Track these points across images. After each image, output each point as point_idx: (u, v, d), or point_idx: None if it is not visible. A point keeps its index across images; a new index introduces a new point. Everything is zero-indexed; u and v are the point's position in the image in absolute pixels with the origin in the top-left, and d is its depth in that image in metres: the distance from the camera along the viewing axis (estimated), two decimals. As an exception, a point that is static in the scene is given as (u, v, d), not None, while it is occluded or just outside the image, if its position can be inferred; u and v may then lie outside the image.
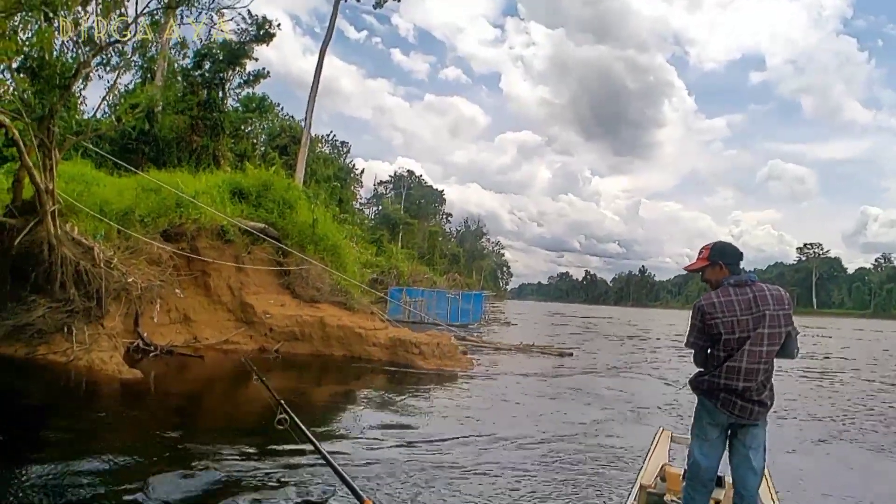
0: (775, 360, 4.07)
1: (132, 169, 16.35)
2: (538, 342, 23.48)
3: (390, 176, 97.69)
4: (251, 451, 7.31)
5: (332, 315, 16.27)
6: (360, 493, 0.96)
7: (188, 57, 25.20)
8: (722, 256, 4.21)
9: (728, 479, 4.51)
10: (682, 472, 4.95)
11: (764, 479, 4.48)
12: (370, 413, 10.25)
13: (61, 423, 7.72)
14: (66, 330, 11.01)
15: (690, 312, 4.23)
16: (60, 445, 6.87)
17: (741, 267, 4.20)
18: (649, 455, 5.85)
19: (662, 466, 5.47)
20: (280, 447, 7.20)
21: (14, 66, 10.99)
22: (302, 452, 7.10)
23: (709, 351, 4.18)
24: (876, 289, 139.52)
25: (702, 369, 4.27)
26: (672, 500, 4.83)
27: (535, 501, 6.62)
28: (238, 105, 29.31)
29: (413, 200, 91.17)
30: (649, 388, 14.97)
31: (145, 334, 13.15)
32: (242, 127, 28.27)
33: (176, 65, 25.40)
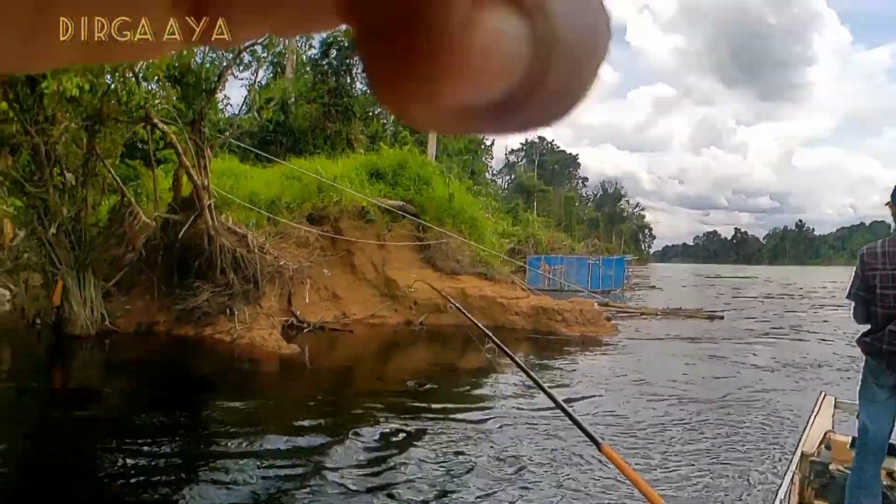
0: None
1: (274, 159, 17.31)
2: (685, 306, 22.53)
3: (521, 144, 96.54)
4: (412, 408, 7.65)
5: (473, 286, 16.43)
6: (597, 437, 0.90)
7: (314, 48, 26.12)
8: None
9: None
10: (848, 441, 4.56)
11: None
12: (520, 376, 10.31)
13: (233, 394, 8.35)
14: (228, 311, 11.92)
15: None
16: (237, 415, 7.46)
17: None
18: (811, 421, 5.41)
19: (826, 434, 5.05)
20: (444, 407, 7.48)
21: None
22: (447, 412, 7.32)
23: (870, 307, 3.80)
24: None
25: (868, 327, 3.88)
26: (838, 470, 4.44)
27: (704, 458, 6.53)
28: (366, 88, 30.06)
29: (546, 167, 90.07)
30: (809, 351, 13.95)
31: (298, 312, 13.95)
32: (372, 109, 28.99)
33: (304, 56, 26.38)
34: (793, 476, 4.33)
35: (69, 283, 11.06)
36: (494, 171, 75.17)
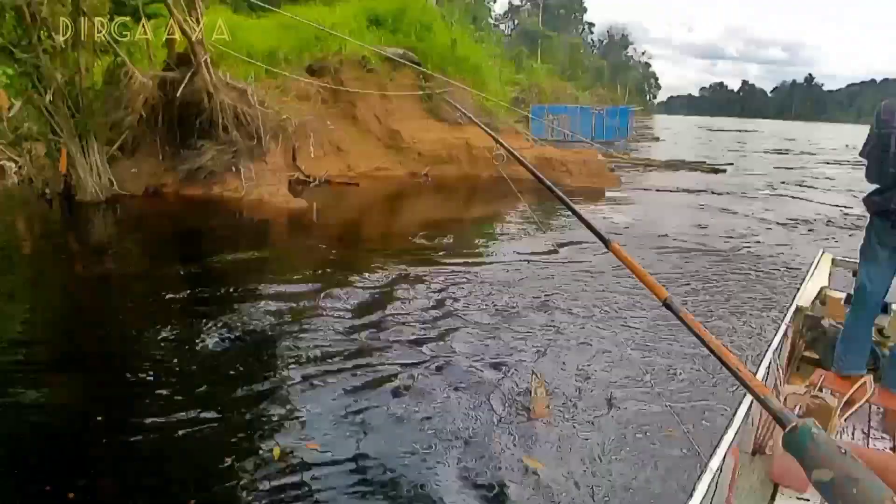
0: None
1: (269, 7, 16.55)
2: (688, 158, 22.47)
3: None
4: (417, 257, 7.90)
5: (477, 136, 16.30)
6: (605, 236, 0.94)
7: None
8: None
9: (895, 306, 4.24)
10: (843, 297, 4.71)
11: None
12: (525, 226, 10.51)
13: (242, 247, 8.55)
14: (234, 169, 11.93)
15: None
16: (246, 265, 7.76)
17: None
18: (808, 277, 5.58)
19: (822, 290, 5.21)
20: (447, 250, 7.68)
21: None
22: (452, 259, 7.54)
23: (883, 167, 3.74)
24: None
25: (877, 186, 3.86)
26: (830, 325, 4.62)
27: (699, 302, 6.80)
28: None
29: (552, 12, 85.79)
30: (811, 208, 14.02)
31: (303, 167, 13.97)
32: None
33: None
34: (787, 329, 4.54)
35: (73, 151, 10.98)
36: (497, 17, 72.12)
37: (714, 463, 2.78)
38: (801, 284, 5.45)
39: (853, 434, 3.85)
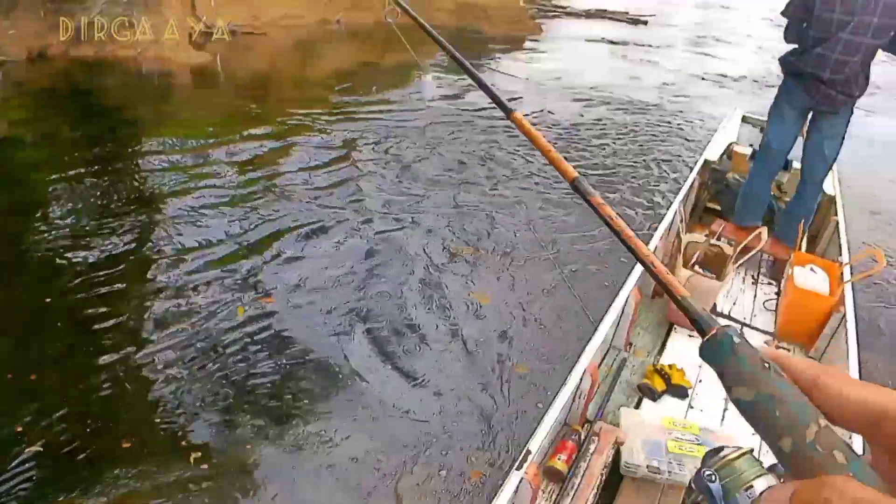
0: (882, 52, 3.58)
1: None
2: (610, 7, 21.89)
3: None
4: (331, 105, 7.71)
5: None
6: (507, 104, 0.89)
7: None
8: None
9: (796, 165, 4.37)
10: (749, 153, 4.83)
11: (832, 170, 4.33)
12: (442, 74, 10.26)
13: (148, 110, 8.14)
14: (127, 24, 10.93)
15: None
16: (148, 124, 7.45)
17: None
18: (718, 131, 5.71)
19: (730, 145, 5.35)
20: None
21: None
22: (369, 112, 7.44)
23: (804, 28, 3.69)
24: None
25: (795, 47, 3.84)
26: (734, 178, 4.79)
27: (630, 156, 6.94)
28: None
29: None
30: (732, 63, 13.98)
31: (204, 17, 12.92)
32: None
33: None
34: (694, 181, 4.69)
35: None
36: None
37: (619, 301, 3.03)
38: (711, 138, 5.63)
39: (744, 279, 4.14)
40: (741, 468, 0.43)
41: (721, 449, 0.45)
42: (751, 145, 5.26)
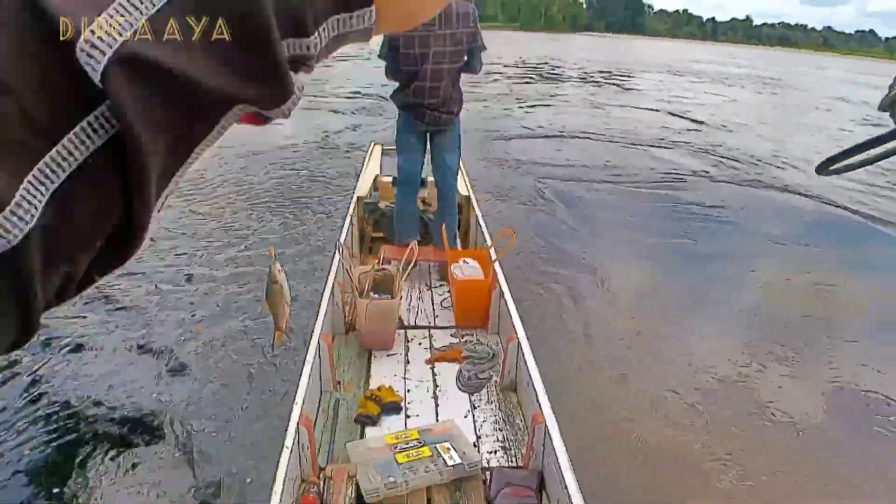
0: (463, 73, 4.31)
1: None
2: None
3: None
4: None
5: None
6: None
7: None
8: None
9: (431, 179, 4.95)
10: (390, 180, 5.33)
11: (460, 173, 4.99)
12: None
13: None
14: None
15: None
16: None
17: None
18: (363, 169, 6.20)
19: (376, 177, 5.86)
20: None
21: None
22: None
23: (397, 66, 4.22)
24: (523, 4, 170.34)
25: (398, 84, 4.36)
26: (386, 206, 5.29)
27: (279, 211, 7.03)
28: None
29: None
30: (340, 114, 14.92)
31: None
32: None
33: None
34: (351, 218, 5.03)
35: None
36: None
37: (311, 350, 3.08)
38: (359, 175, 6.08)
39: (419, 289, 4.51)
40: None
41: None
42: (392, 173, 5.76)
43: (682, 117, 17.63)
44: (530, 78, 26.46)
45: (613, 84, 26.79)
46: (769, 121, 19.09)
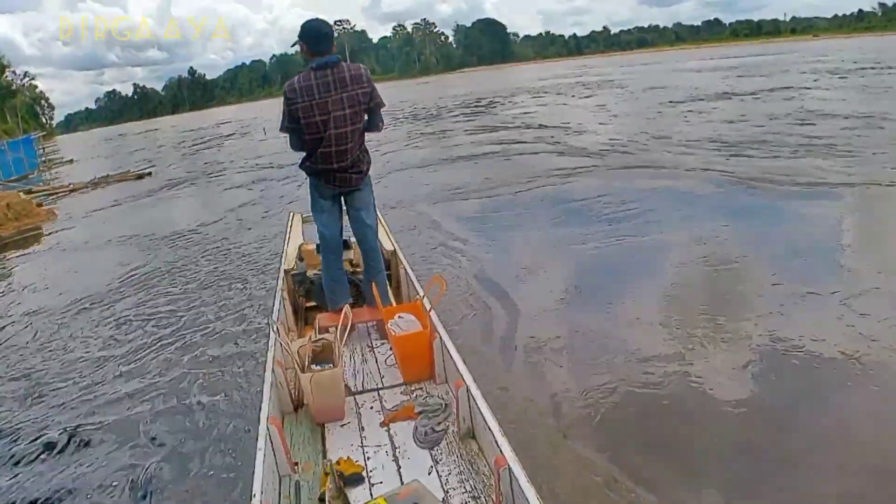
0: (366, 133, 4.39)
1: None
2: (112, 172, 22.50)
3: None
4: None
5: None
6: None
7: None
8: (302, 36, 4.10)
9: (353, 239, 4.94)
10: (314, 247, 5.28)
11: (380, 227, 5.09)
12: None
13: None
14: None
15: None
16: None
17: (330, 48, 4.08)
18: (286, 241, 6.15)
19: (300, 247, 5.79)
20: None
21: None
22: None
23: (301, 136, 4.26)
24: (397, 54, 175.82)
25: (304, 153, 4.37)
26: (314, 274, 5.21)
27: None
28: None
29: None
30: (244, 188, 15.46)
31: None
32: None
33: None
34: (282, 293, 4.95)
35: None
36: None
37: (261, 438, 2.96)
38: (283, 249, 6.00)
39: (362, 352, 4.44)
40: None
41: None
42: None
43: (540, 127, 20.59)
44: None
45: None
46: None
